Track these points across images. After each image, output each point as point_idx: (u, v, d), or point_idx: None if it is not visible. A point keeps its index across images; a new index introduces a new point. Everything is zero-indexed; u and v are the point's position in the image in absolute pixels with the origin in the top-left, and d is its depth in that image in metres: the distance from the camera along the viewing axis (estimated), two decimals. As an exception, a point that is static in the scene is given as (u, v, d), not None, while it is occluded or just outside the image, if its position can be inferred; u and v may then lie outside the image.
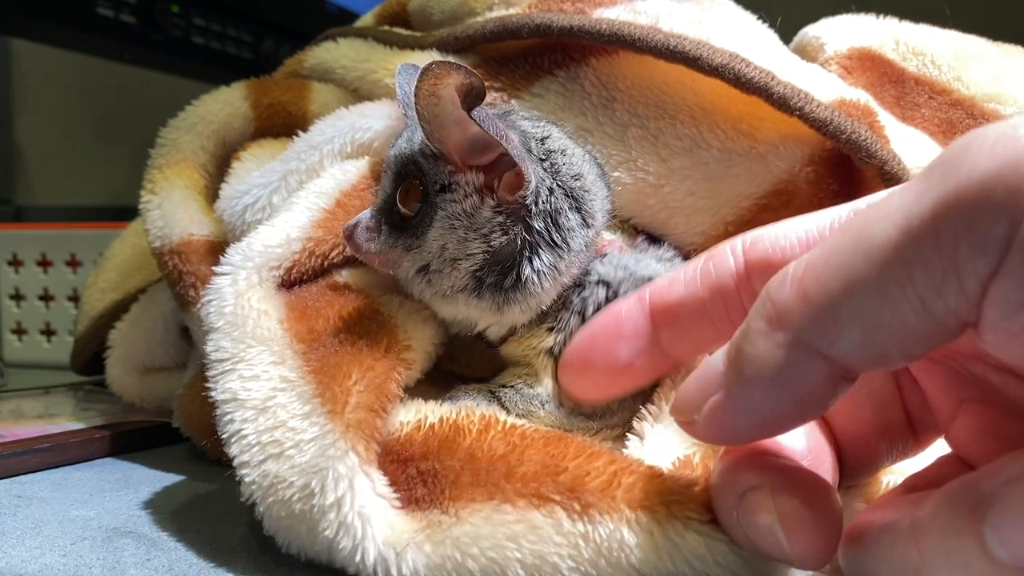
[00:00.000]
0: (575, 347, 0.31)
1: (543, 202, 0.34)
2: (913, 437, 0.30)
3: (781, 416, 0.23)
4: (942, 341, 0.21)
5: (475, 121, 0.32)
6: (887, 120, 0.44)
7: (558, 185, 0.35)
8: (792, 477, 0.26)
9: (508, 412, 0.36)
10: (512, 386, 0.37)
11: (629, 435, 0.33)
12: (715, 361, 0.25)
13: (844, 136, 0.38)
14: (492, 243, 0.35)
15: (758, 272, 0.27)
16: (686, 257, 0.40)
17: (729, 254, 0.28)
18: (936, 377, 0.28)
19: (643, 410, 0.34)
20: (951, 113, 0.49)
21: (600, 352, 0.31)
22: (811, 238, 0.26)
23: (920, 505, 0.22)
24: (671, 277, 0.30)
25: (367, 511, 0.30)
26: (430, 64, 0.31)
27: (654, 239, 0.41)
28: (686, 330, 0.30)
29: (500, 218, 0.35)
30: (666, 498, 0.28)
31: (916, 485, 0.27)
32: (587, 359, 0.32)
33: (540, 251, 0.35)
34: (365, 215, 0.37)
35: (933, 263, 0.20)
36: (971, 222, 0.19)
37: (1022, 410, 0.26)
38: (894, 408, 0.30)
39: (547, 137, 0.36)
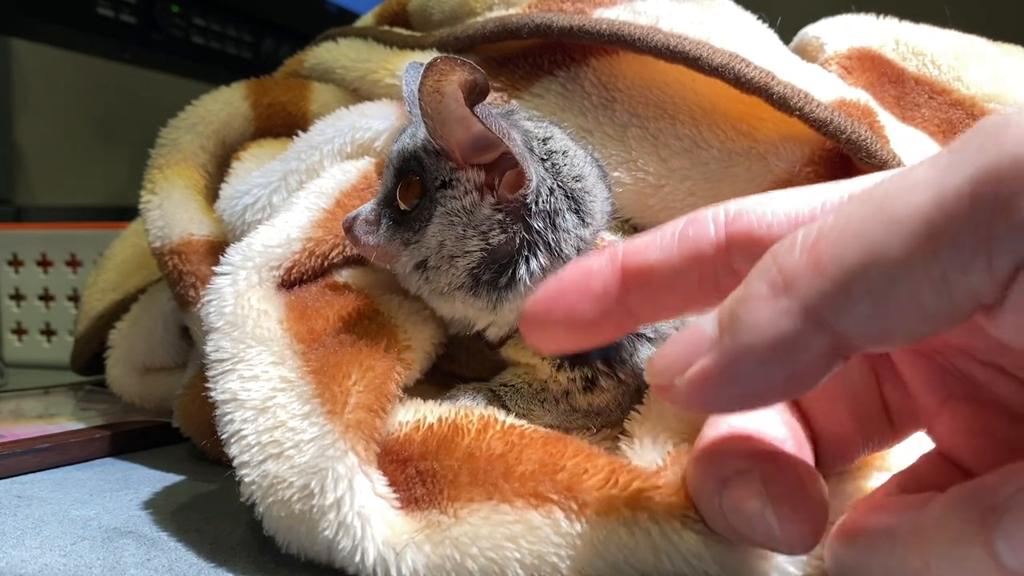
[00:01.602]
0: (540, 298, 0.29)
1: (543, 202, 0.34)
2: (891, 429, 0.30)
3: (770, 388, 0.22)
4: (951, 323, 0.20)
5: (478, 118, 0.32)
6: (887, 120, 0.44)
7: (558, 185, 0.35)
8: (779, 461, 0.25)
9: (508, 411, 0.36)
10: (512, 385, 0.37)
11: (621, 436, 0.33)
12: (703, 325, 0.23)
13: (844, 136, 0.38)
14: (490, 241, 0.35)
15: (739, 245, 0.26)
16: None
17: (711, 222, 0.27)
18: (921, 371, 0.28)
19: (633, 411, 0.34)
20: (951, 113, 0.49)
21: (564, 307, 0.29)
22: (800, 216, 0.26)
23: (923, 509, 0.21)
24: (647, 239, 0.28)
25: (367, 511, 0.30)
26: (435, 59, 0.31)
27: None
28: (655, 294, 0.28)
29: (499, 216, 0.35)
30: (663, 496, 0.28)
31: (905, 485, 0.27)
32: (550, 312, 0.30)
33: (538, 251, 0.35)
34: (365, 208, 0.37)
35: (963, 238, 0.19)
36: (1011, 198, 0.18)
37: (1009, 408, 0.26)
38: (872, 400, 0.29)
39: (549, 138, 0.36)
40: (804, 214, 0.26)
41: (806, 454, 0.28)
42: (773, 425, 0.28)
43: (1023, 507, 0.19)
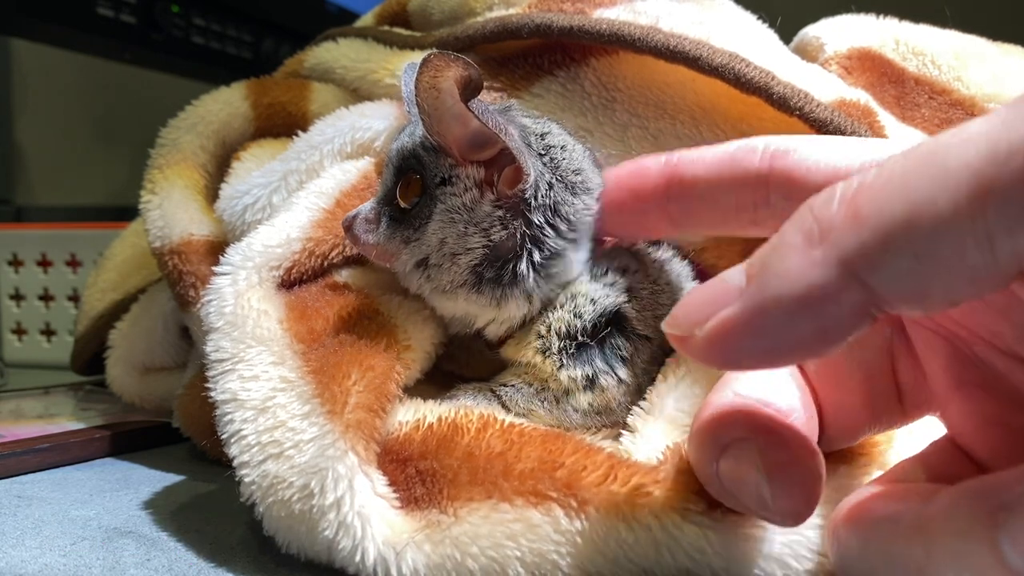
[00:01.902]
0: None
1: (542, 196, 0.34)
2: (900, 410, 0.29)
3: (794, 344, 0.21)
4: (991, 287, 0.19)
5: (474, 114, 0.32)
6: (887, 120, 0.44)
7: (558, 179, 0.35)
8: (778, 433, 0.25)
9: (508, 411, 0.36)
10: (513, 385, 0.37)
11: (623, 431, 0.34)
12: (731, 276, 0.22)
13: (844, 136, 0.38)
14: (492, 237, 0.35)
15: (778, 182, 0.27)
16: (685, 257, 0.40)
17: (759, 152, 0.28)
18: (939, 355, 0.27)
19: (635, 407, 0.34)
20: (951, 113, 0.49)
21: (614, 198, 0.33)
22: (839, 170, 0.26)
23: (930, 501, 0.21)
24: (700, 151, 0.30)
25: (367, 511, 0.30)
26: (429, 56, 0.31)
27: (652, 240, 0.41)
28: (695, 207, 0.29)
29: (499, 212, 0.34)
30: (663, 491, 0.28)
31: (911, 473, 0.27)
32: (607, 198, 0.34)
33: (543, 243, 0.35)
34: (365, 207, 0.37)
35: (1014, 198, 0.18)
36: None
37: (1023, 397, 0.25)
38: (884, 379, 0.29)
39: (547, 132, 0.36)
40: (841, 169, 0.26)
41: (812, 428, 0.28)
42: (781, 395, 0.27)
43: None
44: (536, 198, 0.34)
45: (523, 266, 0.35)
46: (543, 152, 0.35)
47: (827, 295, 0.20)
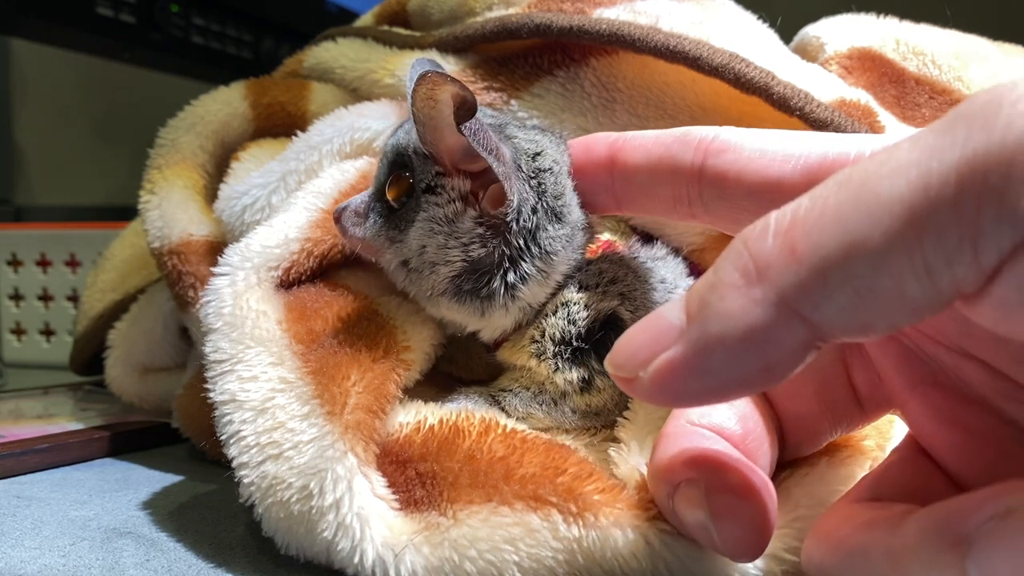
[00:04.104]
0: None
1: (524, 220, 0.34)
2: (860, 412, 0.29)
3: (741, 381, 0.21)
4: (932, 313, 0.19)
5: (466, 136, 0.32)
6: (887, 120, 0.44)
7: (543, 206, 0.34)
8: (723, 472, 0.25)
9: (508, 416, 0.36)
10: (511, 390, 0.37)
11: (612, 443, 0.33)
12: (670, 313, 0.22)
13: (844, 136, 0.38)
14: (471, 253, 0.34)
15: (709, 180, 0.27)
16: (683, 257, 0.40)
17: (694, 148, 0.28)
18: (891, 355, 0.27)
19: (621, 417, 0.34)
20: (952, 113, 0.49)
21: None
22: (769, 176, 0.26)
23: (897, 530, 0.21)
24: (643, 136, 0.30)
25: (366, 512, 0.30)
26: (426, 72, 0.31)
27: (648, 239, 0.41)
28: (633, 192, 0.31)
29: (480, 230, 0.34)
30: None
31: (879, 486, 0.27)
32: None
33: (519, 264, 0.34)
34: (355, 200, 0.37)
35: (949, 228, 0.18)
36: (1002, 187, 0.17)
37: (979, 396, 0.25)
38: (840, 384, 0.29)
39: (538, 153, 0.35)
40: (772, 176, 0.26)
41: (763, 449, 0.28)
42: (734, 419, 0.28)
43: (995, 536, 0.18)
44: (518, 222, 0.34)
45: (496, 283, 0.34)
46: (533, 175, 0.34)
47: (770, 334, 0.20)
